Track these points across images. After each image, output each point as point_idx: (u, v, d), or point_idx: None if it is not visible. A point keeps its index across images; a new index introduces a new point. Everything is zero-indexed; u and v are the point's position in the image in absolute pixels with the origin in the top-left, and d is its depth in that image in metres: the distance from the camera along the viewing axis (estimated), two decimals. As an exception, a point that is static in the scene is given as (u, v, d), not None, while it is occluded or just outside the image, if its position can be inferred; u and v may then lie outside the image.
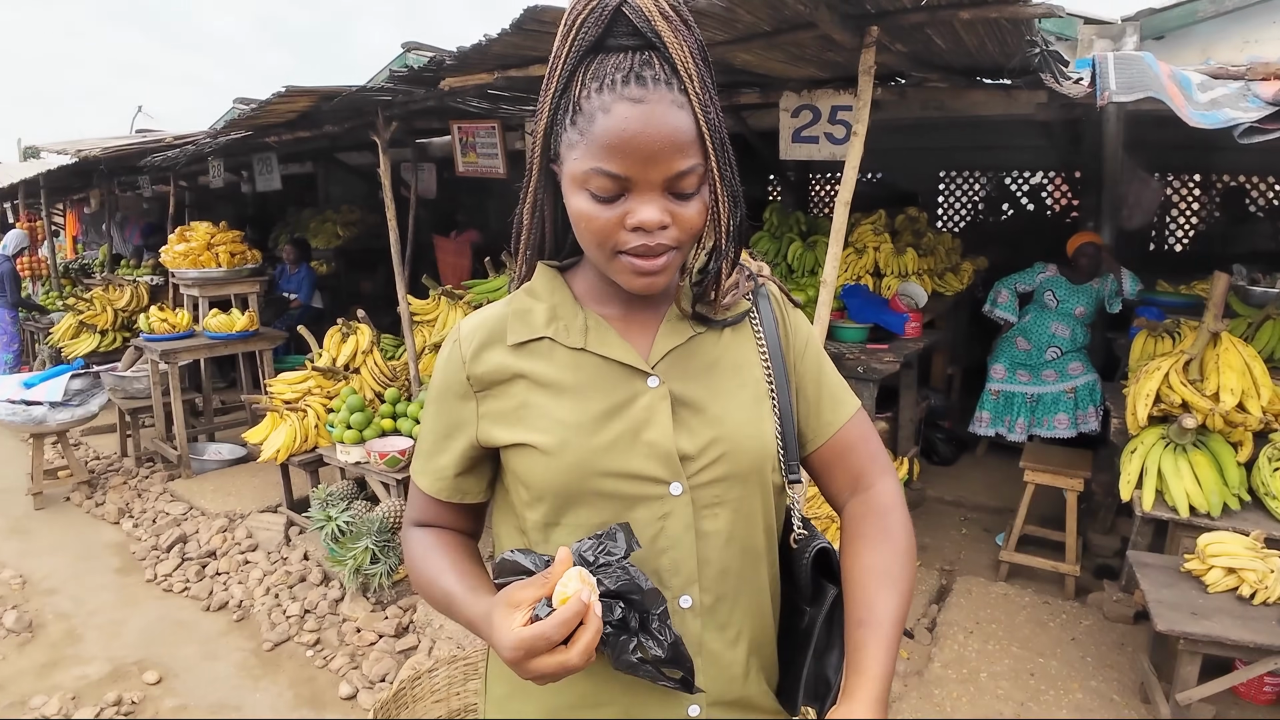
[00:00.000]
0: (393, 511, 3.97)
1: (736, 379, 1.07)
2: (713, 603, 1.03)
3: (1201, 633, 2.47)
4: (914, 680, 3.18)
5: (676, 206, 0.92)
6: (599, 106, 0.89)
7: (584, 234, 0.95)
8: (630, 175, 0.89)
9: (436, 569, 1.07)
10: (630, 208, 0.91)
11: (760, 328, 1.12)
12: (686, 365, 1.05)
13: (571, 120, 0.92)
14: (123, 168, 8.20)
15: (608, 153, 0.88)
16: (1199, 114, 2.62)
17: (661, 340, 1.05)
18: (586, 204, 0.92)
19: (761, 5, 2.69)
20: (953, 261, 5.86)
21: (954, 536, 4.52)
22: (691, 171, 0.91)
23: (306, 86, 4.05)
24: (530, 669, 0.85)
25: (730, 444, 1.03)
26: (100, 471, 5.95)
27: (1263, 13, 5.01)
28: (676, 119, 0.89)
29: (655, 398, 1.01)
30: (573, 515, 1.01)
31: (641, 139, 0.88)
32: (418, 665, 3.36)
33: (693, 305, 1.06)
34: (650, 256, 0.93)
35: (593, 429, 0.99)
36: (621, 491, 0.99)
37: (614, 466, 0.99)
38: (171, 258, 6.25)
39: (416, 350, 4.90)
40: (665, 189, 0.91)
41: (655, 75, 0.89)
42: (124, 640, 3.75)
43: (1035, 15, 2.64)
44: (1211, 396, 3.11)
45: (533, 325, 1.04)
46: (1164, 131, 5.77)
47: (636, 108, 0.88)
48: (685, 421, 1.02)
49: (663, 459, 1.00)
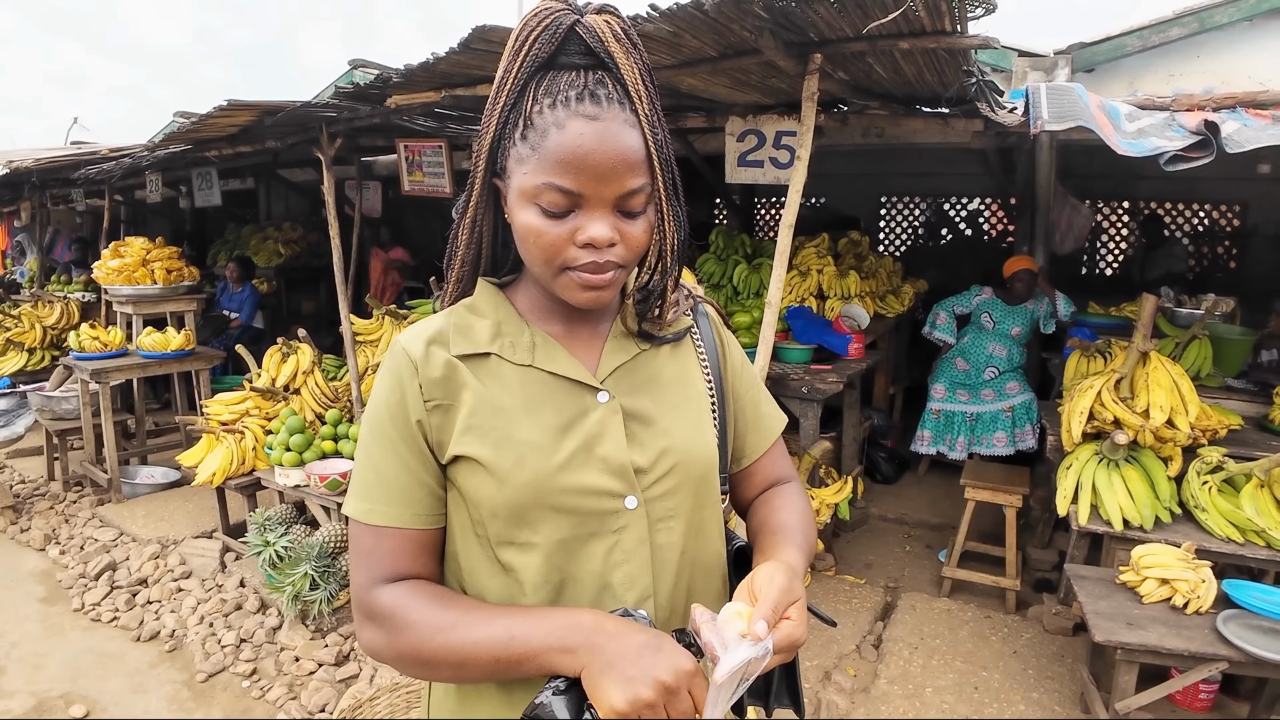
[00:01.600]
0: (333, 536, 3.87)
1: (681, 392, 1.09)
2: (668, 616, 1.03)
3: (1137, 642, 2.54)
4: (860, 697, 3.20)
5: (624, 225, 0.93)
6: (552, 122, 0.89)
7: (531, 249, 0.94)
8: (583, 191, 0.90)
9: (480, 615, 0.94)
10: (580, 224, 0.91)
11: (701, 344, 1.15)
12: (633, 380, 1.05)
13: (522, 135, 0.92)
14: (55, 180, 7.96)
15: (561, 168, 0.89)
16: (1127, 143, 2.73)
17: (608, 357, 1.05)
18: (535, 219, 0.92)
19: (707, 30, 2.74)
20: (894, 284, 5.99)
21: (898, 554, 4.58)
22: (640, 190, 0.93)
23: (249, 101, 3.99)
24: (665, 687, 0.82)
25: (681, 454, 1.04)
26: (25, 496, 5.69)
27: (1186, 48, 5.27)
28: (629, 138, 0.91)
29: (607, 412, 1.01)
30: (527, 532, 0.98)
31: (596, 156, 0.88)
32: (359, 694, 3.27)
33: (639, 323, 1.07)
34: (598, 272, 0.93)
35: (548, 446, 0.98)
36: (577, 507, 0.98)
37: (569, 483, 0.97)
38: (105, 274, 6.05)
39: (359, 371, 4.81)
40: (614, 207, 0.92)
41: (609, 95, 0.91)
42: (48, 673, 3.58)
43: (971, 46, 2.73)
44: (1142, 413, 3.22)
45: (476, 340, 1.02)
46: (1092, 160, 6.03)
47: (591, 125, 0.89)
48: (636, 435, 1.02)
49: (617, 473, 0.99)
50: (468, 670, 0.92)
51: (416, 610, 0.94)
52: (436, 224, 10.11)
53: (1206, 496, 3.10)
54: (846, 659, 3.46)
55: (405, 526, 0.98)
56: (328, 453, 4.27)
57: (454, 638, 0.91)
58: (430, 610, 0.94)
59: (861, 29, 2.62)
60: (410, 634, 0.94)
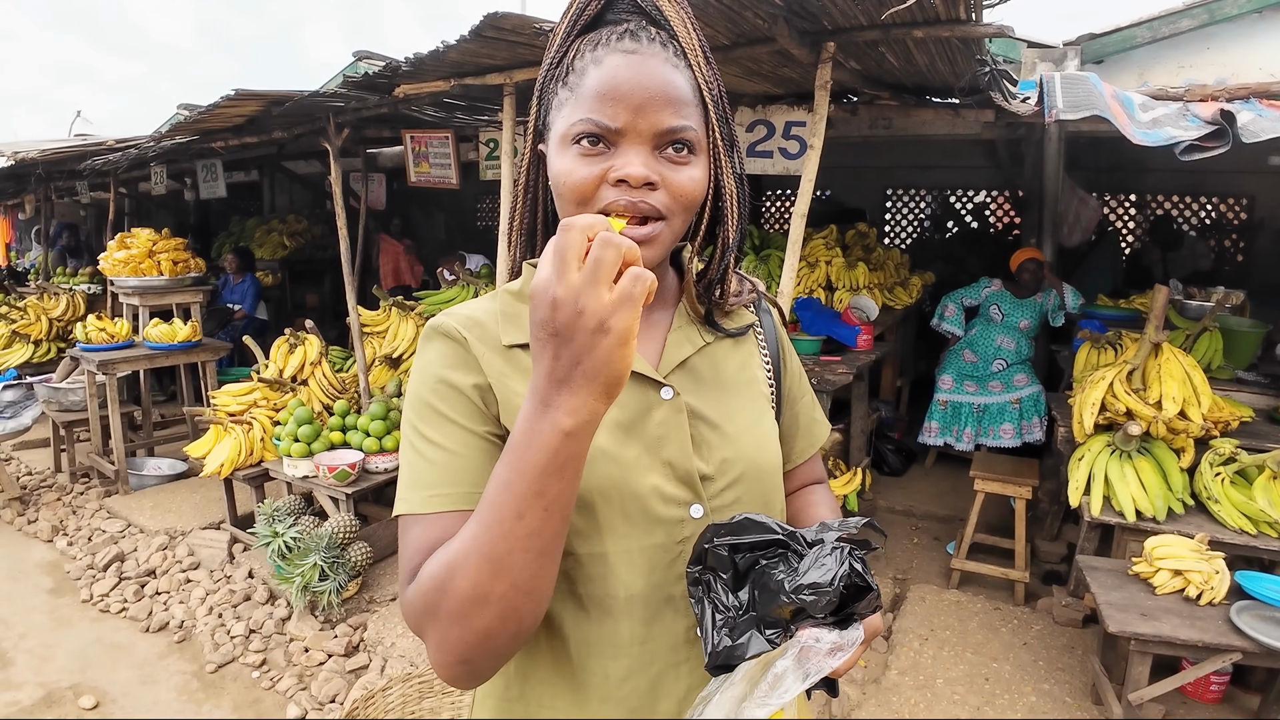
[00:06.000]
0: (342, 527, 3.87)
1: (747, 394, 1.03)
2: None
3: (1151, 633, 2.53)
4: (871, 688, 3.20)
5: (667, 169, 0.86)
6: (592, 62, 0.87)
7: (562, 192, 0.87)
8: (618, 125, 0.84)
9: (453, 541, 0.77)
10: (615, 163, 0.85)
11: (764, 343, 1.09)
12: (698, 377, 0.99)
13: (563, 83, 0.89)
14: (60, 172, 7.94)
15: (595, 101, 0.84)
16: (1142, 132, 2.72)
17: (672, 349, 0.98)
18: (569, 160, 0.86)
19: (720, 18, 2.72)
20: (901, 276, 5.97)
21: (906, 546, 4.58)
22: (684, 131, 0.86)
23: (257, 90, 3.98)
24: (620, 291, 0.65)
25: (748, 463, 0.97)
26: (33, 487, 5.70)
27: (1196, 40, 5.25)
28: (669, 73, 0.87)
29: (671, 411, 0.94)
30: (584, 543, 0.90)
31: (630, 85, 0.84)
32: (370, 685, 3.27)
33: (704, 306, 1.01)
34: (635, 220, 0.85)
35: (611, 447, 0.90)
36: (645, 513, 0.91)
37: (634, 488, 0.90)
38: (111, 265, 6.04)
39: (366, 362, 4.81)
40: (655, 146, 0.86)
41: (651, 36, 0.88)
42: (57, 664, 3.58)
43: (986, 35, 2.72)
44: (1154, 404, 3.21)
45: (526, 329, 0.92)
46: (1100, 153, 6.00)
47: (628, 57, 0.86)
48: (703, 439, 0.95)
49: (684, 479, 0.93)
50: (514, 536, 0.72)
51: (439, 561, 0.77)
52: (440, 217, 10.10)
53: (1219, 488, 3.10)
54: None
55: (466, 509, 0.83)
56: (336, 444, 4.26)
57: (474, 548, 0.73)
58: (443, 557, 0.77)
59: (876, 17, 2.61)
60: (444, 585, 0.75)
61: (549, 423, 0.68)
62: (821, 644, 0.78)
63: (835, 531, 0.84)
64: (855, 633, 0.81)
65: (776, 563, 0.83)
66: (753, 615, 0.82)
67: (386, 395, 4.61)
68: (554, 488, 0.71)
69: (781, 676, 0.77)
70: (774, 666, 0.78)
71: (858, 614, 0.82)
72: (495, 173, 5.03)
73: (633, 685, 0.93)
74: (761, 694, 0.77)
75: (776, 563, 0.83)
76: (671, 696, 0.94)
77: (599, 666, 0.93)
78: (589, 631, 0.93)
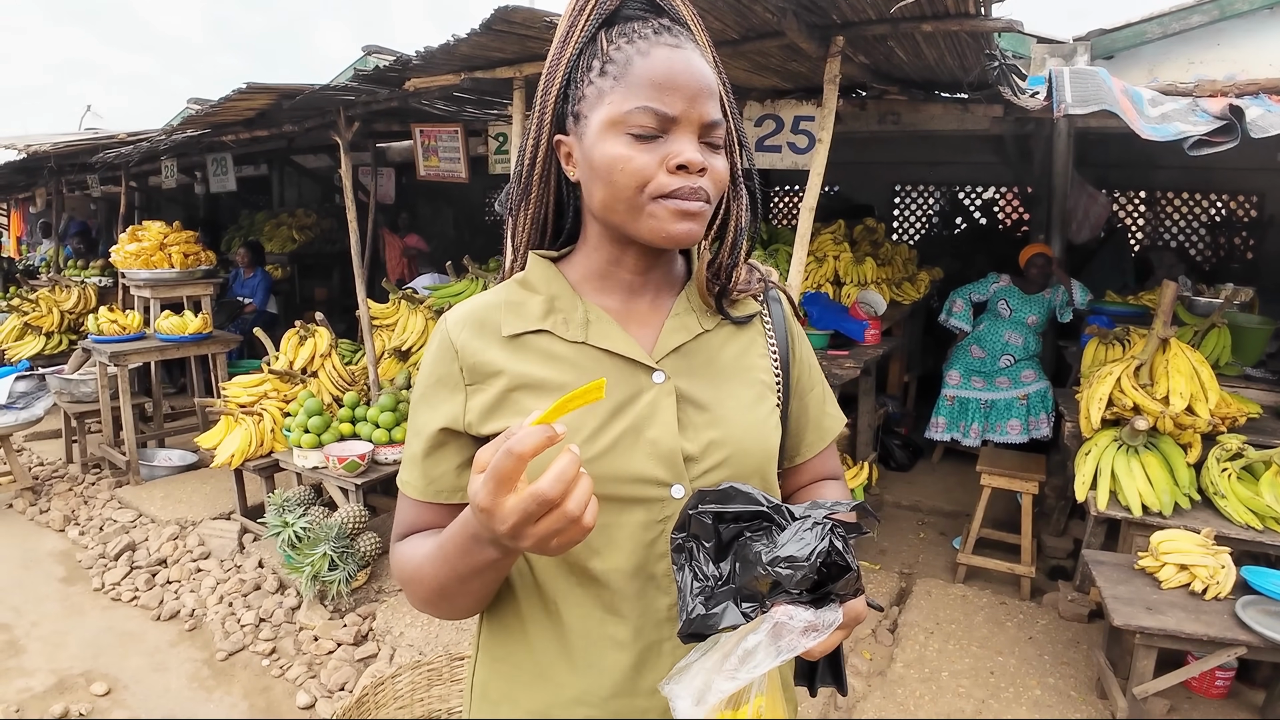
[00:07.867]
0: (351, 517, 3.90)
1: (743, 380, 1.04)
2: None
3: (1157, 627, 2.54)
4: (877, 680, 3.21)
5: (710, 157, 0.92)
6: (635, 52, 0.90)
7: (618, 179, 0.90)
8: (675, 113, 0.89)
9: (425, 547, 0.95)
10: (671, 149, 0.89)
11: (771, 332, 1.11)
12: (692, 362, 1.01)
13: (600, 73, 0.92)
14: (71, 166, 7.99)
15: (653, 89, 0.89)
16: (1151, 127, 2.71)
17: (668, 335, 1.01)
18: (624, 147, 0.89)
19: (729, 12, 2.73)
20: (909, 271, 5.97)
21: (912, 540, 4.59)
22: (719, 125, 0.93)
23: (268, 84, 4.00)
24: (532, 535, 0.74)
25: (735, 446, 0.99)
26: (45, 477, 5.75)
27: (1206, 35, 5.23)
28: (705, 68, 0.93)
29: (660, 394, 0.97)
30: None
31: (685, 77, 0.89)
32: (379, 673, 3.30)
33: (713, 291, 1.04)
34: (692, 198, 0.90)
35: (594, 428, 0.94)
36: (621, 494, 0.94)
37: (615, 468, 0.93)
38: (122, 257, 6.08)
39: (376, 354, 4.83)
40: (700, 136, 0.92)
41: (676, 31, 0.93)
42: (69, 651, 3.62)
43: (995, 29, 2.71)
44: (1162, 400, 3.21)
45: (528, 318, 0.98)
46: (1108, 149, 5.99)
47: (674, 50, 0.90)
48: (689, 420, 0.98)
49: (665, 459, 0.95)
50: (445, 583, 0.92)
51: (405, 554, 0.99)
52: (449, 211, 10.13)
53: (1226, 483, 3.10)
54: (863, 643, 3.47)
55: (426, 500, 1.00)
56: (345, 435, 4.29)
57: (420, 571, 0.95)
58: (408, 555, 0.98)
59: (885, 11, 2.61)
60: (404, 573, 0.98)
61: (480, 553, 0.84)
62: (796, 621, 0.79)
63: (824, 510, 0.84)
64: (833, 614, 0.81)
65: (760, 535, 0.84)
66: (731, 587, 0.83)
67: (395, 387, 4.64)
68: (485, 578, 0.89)
69: (753, 651, 0.78)
70: (745, 640, 0.79)
71: (836, 594, 0.82)
72: (504, 166, 5.05)
73: (615, 659, 0.97)
74: (731, 667, 0.78)
75: (760, 535, 0.84)
76: (656, 671, 0.97)
77: (583, 640, 0.98)
78: (574, 604, 0.98)
